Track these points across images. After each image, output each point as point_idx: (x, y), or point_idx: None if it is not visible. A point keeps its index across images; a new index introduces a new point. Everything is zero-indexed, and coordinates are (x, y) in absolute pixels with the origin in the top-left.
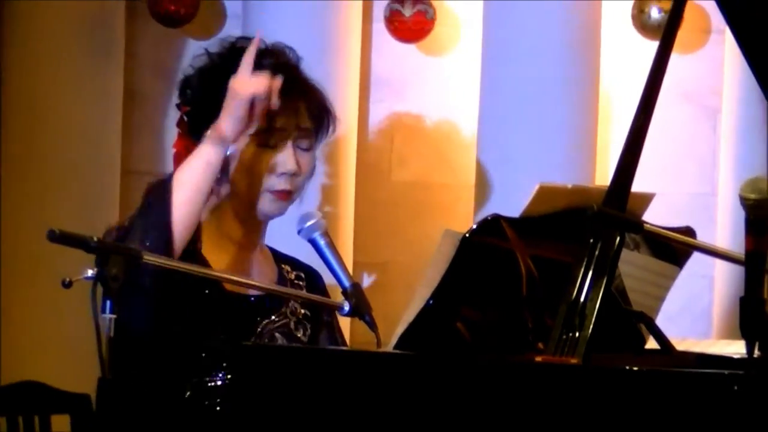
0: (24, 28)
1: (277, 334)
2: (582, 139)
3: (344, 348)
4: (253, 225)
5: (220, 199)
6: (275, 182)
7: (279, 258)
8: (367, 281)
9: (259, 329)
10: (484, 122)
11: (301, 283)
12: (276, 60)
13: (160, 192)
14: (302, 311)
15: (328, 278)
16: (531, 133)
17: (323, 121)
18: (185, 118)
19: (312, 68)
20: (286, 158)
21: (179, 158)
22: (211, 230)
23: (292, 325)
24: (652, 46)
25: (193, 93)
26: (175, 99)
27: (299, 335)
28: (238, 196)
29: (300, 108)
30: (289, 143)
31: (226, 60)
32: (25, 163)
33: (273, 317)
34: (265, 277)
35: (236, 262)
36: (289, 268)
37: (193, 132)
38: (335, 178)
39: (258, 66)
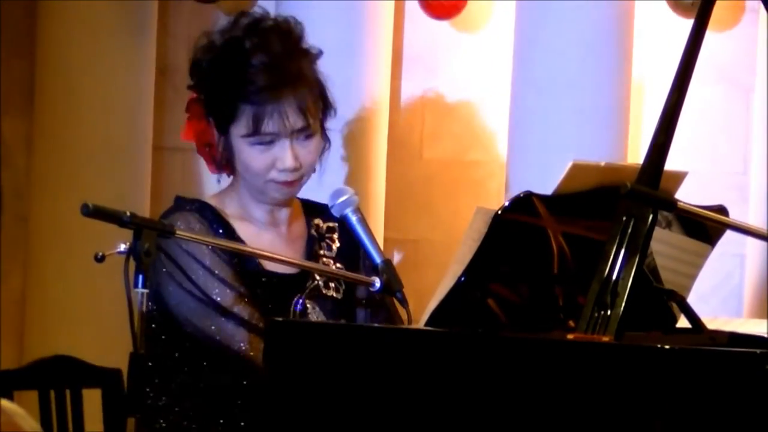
0: (58, 3)
1: (307, 302)
2: (614, 116)
3: (374, 324)
4: (267, 205)
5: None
6: (277, 175)
7: (310, 211)
8: (398, 258)
9: (293, 302)
10: (516, 99)
11: (333, 235)
12: (264, 52)
13: None
14: (334, 267)
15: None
16: (563, 110)
17: (319, 111)
18: (198, 102)
19: (344, 45)
20: (283, 156)
21: (199, 136)
22: (233, 207)
23: (321, 284)
24: (685, 25)
25: (203, 77)
26: None
27: (330, 293)
28: (247, 184)
29: (287, 111)
30: (285, 140)
31: (231, 39)
32: (57, 137)
33: (303, 289)
34: (294, 249)
35: (262, 237)
36: (320, 221)
37: (207, 115)
38: (366, 156)
39: (245, 62)
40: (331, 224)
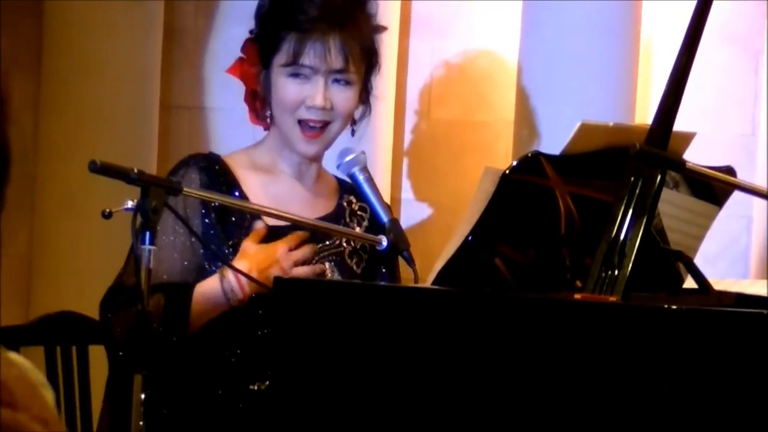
0: None
1: (327, 264)
2: (623, 77)
3: (380, 282)
4: (296, 157)
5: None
6: (304, 113)
7: (345, 189)
8: (405, 218)
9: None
10: (524, 59)
11: (363, 214)
12: None
13: (175, 312)
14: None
15: None
16: (571, 70)
17: (362, 67)
18: (253, 45)
19: None
20: (314, 93)
21: (247, 79)
22: (265, 158)
23: (346, 254)
24: None
25: (260, 22)
26: (215, 34)
27: (351, 264)
28: (278, 128)
29: (330, 47)
30: (320, 77)
31: None
32: (65, 97)
33: (325, 245)
34: (316, 208)
35: (281, 192)
36: (353, 199)
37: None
38: (373, 116)
39: None
40: (363, 204)
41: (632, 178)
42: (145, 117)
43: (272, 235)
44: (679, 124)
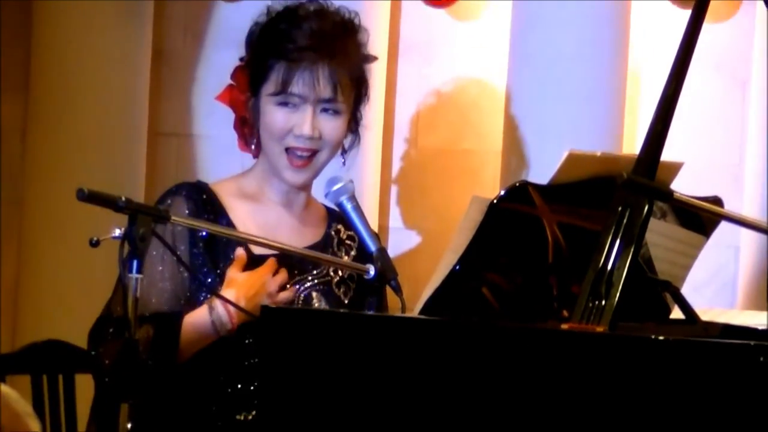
0: None
1: (314, 293)
2: (610, 105)
3: (367, 312)
4: (285, 185)
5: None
6: (292, 141)
7: (334, 218)
8: (393, 246)
9: (295, 288)
10: (512, 88)
11: (351, 243)
12: (317, 20)
13: (164, 343)
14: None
15: None
16: (559, 99)
17: (351, 96)
18: (243, 72)
19: None
20: (302, 122)
21: (237, 106)
22: (252, 186)
23: (333, 283)
24: (682, 14)
25: (250, 50)
26: (203, 59)
27: (339, 293)
28: (266, 156)
29: (318, 76)
30: (308, 106)
31: (283, 21)
32: (53, 121)
33: (312, 274)
34: (304, 237)
35: (268, 220)
36: (342, 228)
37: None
38: (361, 143)
39: (295, 25)
40: (351, 233)
41: (620, 208)
42: (132, 142)
43: (258, 263)
44: (667, 153)
